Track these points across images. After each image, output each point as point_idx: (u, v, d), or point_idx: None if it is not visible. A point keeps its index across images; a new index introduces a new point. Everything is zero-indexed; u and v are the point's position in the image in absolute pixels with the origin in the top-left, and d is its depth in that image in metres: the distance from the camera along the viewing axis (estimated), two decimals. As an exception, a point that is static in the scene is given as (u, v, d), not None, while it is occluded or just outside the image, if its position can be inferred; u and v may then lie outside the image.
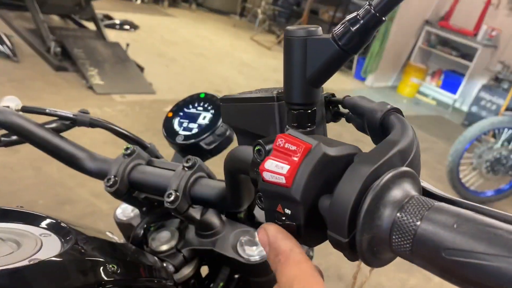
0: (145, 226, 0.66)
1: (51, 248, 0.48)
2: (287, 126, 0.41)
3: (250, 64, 6.37)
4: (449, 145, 4.11)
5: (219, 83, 5.19)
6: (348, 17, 0.35)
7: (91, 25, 5.08)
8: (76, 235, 0.51)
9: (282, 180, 0.33)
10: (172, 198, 0.56)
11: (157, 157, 0.71)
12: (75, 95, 3.78)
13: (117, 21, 6.10)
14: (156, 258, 0.63)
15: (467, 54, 6.90)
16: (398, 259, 0.34)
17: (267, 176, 0.35)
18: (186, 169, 0.58)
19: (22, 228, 0.51)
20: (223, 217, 0.67)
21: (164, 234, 0.67)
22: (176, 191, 0.56)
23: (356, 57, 7.35)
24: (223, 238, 0.65)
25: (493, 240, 0.26)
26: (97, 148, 0.68)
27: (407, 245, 0.30)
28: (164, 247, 0.65)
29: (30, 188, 2.43)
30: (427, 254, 0.29)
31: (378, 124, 0.38)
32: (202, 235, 0.66)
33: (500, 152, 3.78)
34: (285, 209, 0.35)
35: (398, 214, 0.30)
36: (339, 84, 6.65)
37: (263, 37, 8.16)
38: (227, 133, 0.73)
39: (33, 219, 0.54)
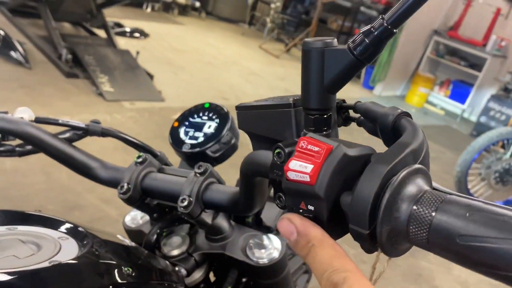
0: (158, 231, 0.68)
1: (69, 251, 0.50)
2: (304, 130, 0.43)
3: (258, 73, 6.41)
4: (457, 155, 4.10)
5: (226, 91, 5.22)
6: (363, 29, 0.38)
7: (102, 33, 5.15)
8: (92, 239, 0.53)
9: (306, 178, 0.36)
10: (185, 203, 0.57)
11: (167, 164, 0.73)
12: (85, 101, 3.83)
13: (128, 29, 6.18)
14: (168, 262, 0.64)
15: (476, 64, 6.90)
16: (404, 272, 0.35)
17: (291, 175, 0.37)
18: (198, 175, 0.60)
19: (41, 231, 0.53)
20: (232, 221, 0.69)
21: (175, 239, 0.68)
22: (189, 196, 0.58)
23: (364, 66, 7.37)
24: (232, 242, 0.67)
25: (503, 226, 0.30)
26: (108, 154, 0.70)
27: (424, 235, 0.32)
28: (175, 252, 0.67)
29: (40, 193, 2.46)
30: (442, 242, 0.32)
31: (390, 127, 0.41)
32: (212, 239, 0.67)
33: (509, 163, 3.76)
34: (308, 206, 0.38)
35: (414, 207, 0.33)
36: (347, 93, 6.66)
37: (272, 46, 8.22)
38: (232, 141, 0.75)
39: (51, 223, 0.55)
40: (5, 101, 3.36)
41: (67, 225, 0.55)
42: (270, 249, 0.66)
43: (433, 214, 0.32)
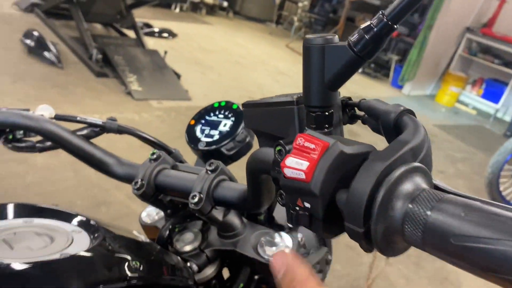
0: (170, 227, 0.69)
1: (81, 243, 0.52)
2: (306, 127, 0.43)
3: (285, 72, 6.39)
4: (489, 156, 3.98)
5: (254, 90, 5.24)
6: (363, 25, 0.37)
7: (131, 33, 5.26)
8: (104, 233, 0.55)
9: (302, 175, 0.36)
10: (196, 199, 0.58)
11: (181, 161, 0.74)
12: (115, 100, 3.92)
13: (156, 29, 6.28)
14: (179, 258, 0.65)
15: (511, 62, 6.66)
16: (429, 275, 0.35)
17: (288, 172, 0.37)
18: (209, 172, 0.61)
19: (56, 224, 0.55)
20: (244, 219, 0.69)
21: (188, 235, 0.69)
22: (200, 193, 0.59)
23: (393, 64, 7.24)
24: (244, 239, 0.67)
25: (497, 226, 0.29)
26: (134, 151, 0.71)
27: (419, 234, 0.32)
28: (188, 248, 0.68)
29: (69, 189, 2.53)
30: (437, 242, 0.31)
31: (392, 125, 0.40)
32: (224, 236, 0.68)
33: (544, 164, 3.62)
34: (305, 203, 0.38)
35: (410, 205, 0.33)
36: (375, 92, 6.56)
37: (299, 45, 8.18)
38: (247, 139, 0.75)
39: (66, 217, 0.57)
40: (38, 100, 3.48)
41: (80, 219, 0.57)
42: (281, 247, 0.66)
43: (428, 213, 0.31)
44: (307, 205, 0.37)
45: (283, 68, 6.57)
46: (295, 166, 0.36)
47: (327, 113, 0.41)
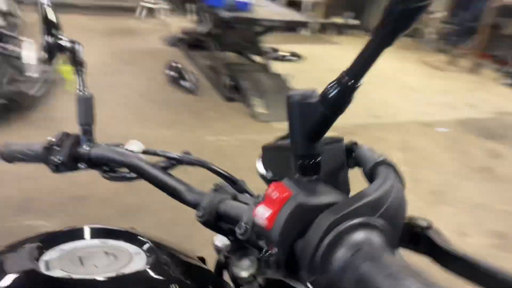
0: (228, 254, 0.75)
1: (137, 264, 0.61)
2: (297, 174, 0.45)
3: (415, 87, 6.07)
4: None
5: (378, 108, 5.08)
6: (330, 83, 0.39)
7: (259, 58, 5.57)
8: (162, 257, 0.63)
9: (265, 223, 0.39)
10: (242, 230, 0.63)
11: (243, 191, 0.80)
12: (240, 123, 4.19)
13: (283, 53, 6.54)
14: (231, 285, 0.71)
15: None
16: None
17: (257, 220, 0.41)
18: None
19: (123, 246, 0.65)
20: None
21: (245, 262, 0.74)
22: (246, 224, 0.64)
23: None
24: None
25: None
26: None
27: (353, 286, 0.33)
28: (243, 274, 0.72)
29: (171, 208, 2.77)
30: None
31: (368, 175, 0.41)
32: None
33: None
34: (274, 248, 0.40)
35: (350, 258, 0.34)
36: (499, 104, 5.80)
37: (434, 58, 7.70)
38: None
39: (134, 239, 0.67)
40: (175, 124, 3.91)
41: (142, 241, 0.67)
42: None
43: (362, 268, 0.32)
44: (275, 249, 0.40)
45: (415, 83, 6.24)
46: (261, 214, 0.39)
47: (312, 162, 0.43)
